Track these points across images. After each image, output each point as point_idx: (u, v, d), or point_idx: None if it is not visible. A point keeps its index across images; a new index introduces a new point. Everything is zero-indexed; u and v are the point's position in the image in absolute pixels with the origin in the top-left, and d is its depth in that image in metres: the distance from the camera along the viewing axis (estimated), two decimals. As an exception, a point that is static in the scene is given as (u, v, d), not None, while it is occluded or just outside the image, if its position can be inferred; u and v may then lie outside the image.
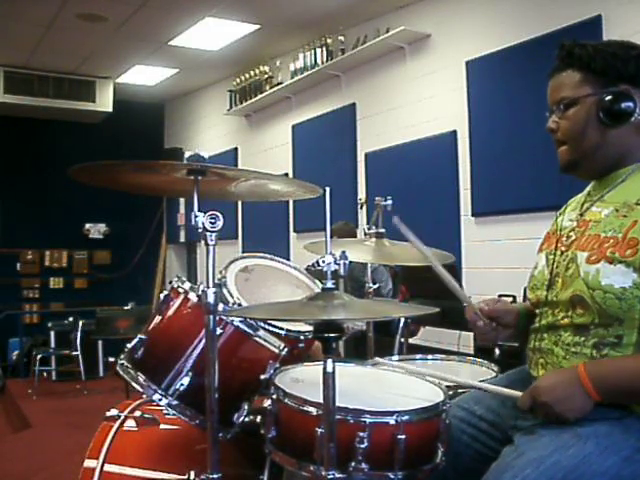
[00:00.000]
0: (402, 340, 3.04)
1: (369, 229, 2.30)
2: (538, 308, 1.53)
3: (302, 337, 1.77)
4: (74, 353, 6.38)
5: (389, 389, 1.61)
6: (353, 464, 1.28)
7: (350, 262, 1.92)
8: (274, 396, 1.42)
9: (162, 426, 1.90)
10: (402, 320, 2.95)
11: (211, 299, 1.49)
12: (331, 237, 1.40)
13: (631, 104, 1.38)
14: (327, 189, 1.42)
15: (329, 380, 1.22)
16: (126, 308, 6.74)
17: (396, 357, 2.02)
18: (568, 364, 1.39)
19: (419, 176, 4.81)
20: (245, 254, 2.05)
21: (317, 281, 2.01)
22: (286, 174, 6.05)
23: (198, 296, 1.66)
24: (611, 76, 1.40)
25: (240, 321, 1.66)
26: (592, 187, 1.53)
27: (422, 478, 1.35)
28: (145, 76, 7.18)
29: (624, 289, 1.31)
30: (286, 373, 1.60)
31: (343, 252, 1.89)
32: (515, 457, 1.32)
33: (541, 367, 1.46)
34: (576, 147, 1.46)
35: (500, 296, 3.66)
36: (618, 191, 1.42)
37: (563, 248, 1.47)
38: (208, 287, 1.50)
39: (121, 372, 1.70)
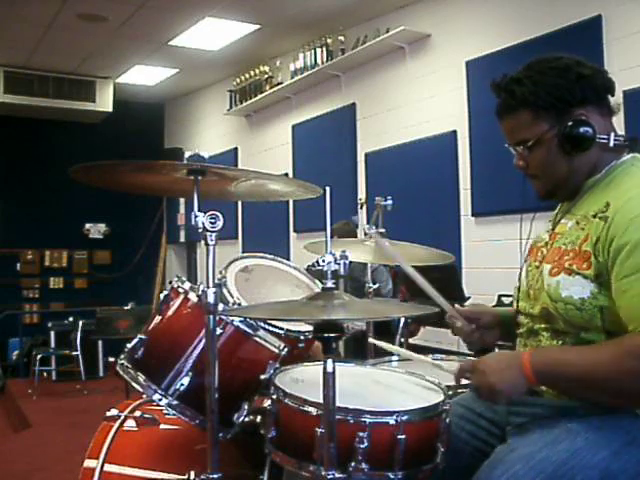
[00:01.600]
0: (402, 340, 3.04)
1: (369, 229, 2.30)
2: (521, 317, 1.55)
3: (302, 337, 1.78)
4: (74, 353, 6.39)
5: (389, 389, 1.62)
6: (353, 464, 1.28)
7: (350, 262, 1.92)
8: (274, 396, 1.42)
9: (162, 426, 1.90)
10: (402, 320, 2.95)
11: (211, 299, 1.49)
12: (331, 237, 1.40)
13: (589, 129, 1.39)
14: (327, 189, 1.42)
15: (329, 380, 1.22)
16: (126, 308, 6.74)
17: (396, 357, 2.02)
18: None
19: (419, 176, 4.81)
20: (245, 254, 2.05)
21: (317, 281, 2.01)
22: (286, 174, 6.05)
23: (198, 296, 1.66)
24: (561, 107, 1.40)
25: (240, 321, 1.66)
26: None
27: (422, 478, 1.35)
28: (145, 76, 7.18)
29: (583, 300, 1.34)
30: (286, 373, 1.60)
31: (343, 252, 1.89)
32: (506, 453, 1.34)
33: None
34: (548, 180, 1.48)
35: (500, 296, 3.68)
36: (581, 203, 1.44)
37: (537, 262, 1.50)
38: (208, 287, 1.50)
39: (121, 372, 1.70)
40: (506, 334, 1.64)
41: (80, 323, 6.51)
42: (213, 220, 1.48)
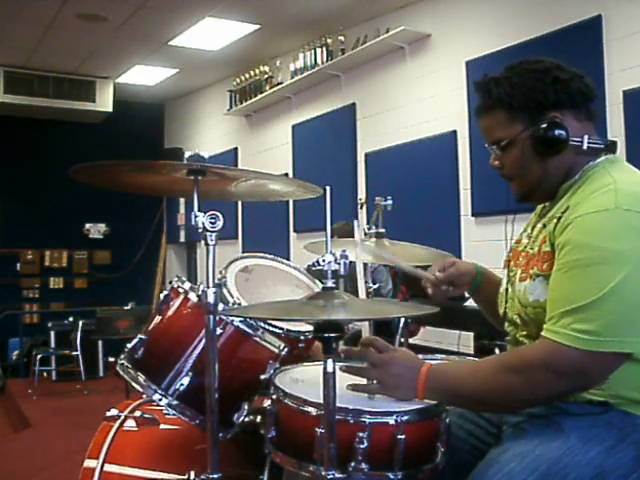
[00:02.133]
0: (402, 340, 3.04)
1: (369, 229, 2.30)
2: (506, 324, 1.55)
3: (302, 337, 1.77)
4: (74, 353, 6.39)
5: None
6: (353, 464, 1.27)
7: (350, 262, 1.91)
8: (274, 396, 1.42)
9: (162, 426, 1.90)
10: (402, 320, 2.95)
11: (211, 299, 1.49)
12: (331, 237, 1.40)
13: (563, 132, 1.39)
14: (327, 189, 1.42)
15: (329, 380, 1.22)
16: (126, 308, 6.75)
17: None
18: None
19: (419, 176, 4.81)
20: (245, 254, 2.05)
21: (317, 281, 2.01)
22: (286, 174, 6.05)
23: (198, 296, 1.66)
24: (535, 109, 1.41)
25: (240, 321, 1.66)
26: (541, 205, 1.57)
27: (422, 478, 1.35)
28: (145, 76, 7.18)
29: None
30: (286, 373, 1.60)
31: (343, 252, 1.89)
32: (500, 452, 1.34)
33: None
34: (523, 181, 1.49)
35: (500, 296, 3.67)
36: (557, 207, 1.43)
37: (514, 267, 1.51)
38: (208, 287, 1.50)
39: (121, 372, 1.70)
40: (473, 290, 1.71)
41: (80, 323, 6.51)
42: (213, 220, 1.47)
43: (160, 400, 1.64)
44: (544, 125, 1.39)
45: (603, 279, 1.23)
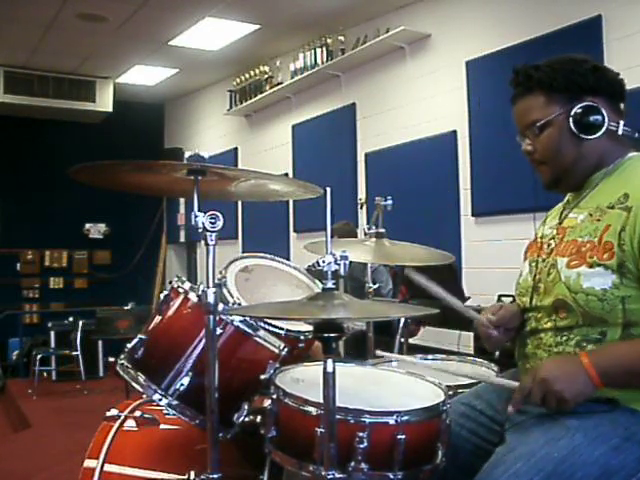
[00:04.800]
0: (402, 340, 3.04)
1: (369, 229, 2.30)
2: (524, 314, 1.55)
3: (302, 337, 1.77)
4: (74, 353, 6.38)
5: (389, 389, 1.62)
6: (353, 464, 1.27)
7: (350, 262, 1.91)
8: (274, 396, 1.42)
9: (162, 426, 1.90)
10: (402, 320, 2.95)
11: (211, 299, 1.49)
12: (331, 237, 1.40)
13: (599, 117, 1.43)
14: (327, 189, 1.42)
15: (329, 380, 1.22)
16: (126, 308, 6.75)
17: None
18: None
19: (419, 176, 4.81)
20: (245, 254, 2.05)
21: (317, 281, 2.01)
22: (286, 174, 6.05)
23: (198, 296, 1.66)
24: (574, 91, 1.45)
25: (240, 321, 1.66)
26: (570, 195, 1.58)
27: (422, 478, 1.35)
28: (145, 76, 7.18)
29: (605, 290, 1.35)
30: (286, 373, 1.60)
31: (343, 252, 1.89)
32: (506, 452, 1.34)
33: (527, 373, 1.47)
34: (556, 165, 1.50)
35: (500, 296, 3.67)
36: (592, 197, 1.47)
37: (544, 255, 1.52)
38: (208, 287, 1.50)
39: (121, 372, 1.70)
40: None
41: (80, 323, 6.50)
42: (213, 220, 1.48)
43: (160, 400, 1.64)
44: (582, 107, 1.44)
45: None
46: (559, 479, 1.25)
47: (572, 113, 1.44)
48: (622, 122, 1.45)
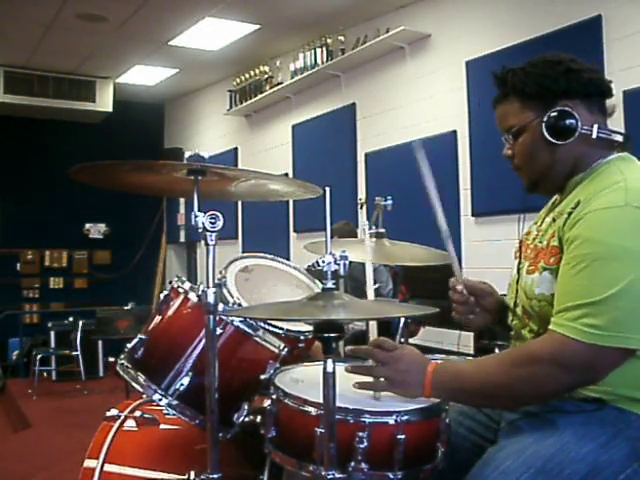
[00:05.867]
0: (402, 340, 3.03)
1: (369, 229, 2.30)
2: (511, 317, 1.56)
3: (302, 337, 1.77)
4: (74, 353, 6.38)
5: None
6: (353, 464, 1.27)
7: (350, 262, 1.91)
8: (274, 396, 1.42)
9: (162, 426, 1.90)
10: (402, 320, 2.95)
11: (211, 299, 1.49)
12: (331, 237, 1.40)
13: (573, 120, 1.41)
14: (327, 189, 1.42)
15: (329, 380, 1.22)
16: (126, 308, 6.75)
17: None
18: None
19: (419, 176, 4.80)
20: (245, 254, 2.05)
21: (317, 281, 2.01)
22: (286, 174, 6.05)
23: (198, 296, 1.66)
24: (547, 96, 1.43)
25: (240, 321, 1.66)
26: (556, 197, 1.57)
27: (422, 478, 1.35)
28: (145, 76, 7.18)
29: (554, 295, 1.34)
30: (286, 373, 1.60)
31: (343, 252, 1.89)
32: (496, 451, 1.35)
33: None
34: (531, 170, 1.51)
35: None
36: (566, 201, 1.45)
37: (523, 259, 1.52)
38: (208, 287, 1.50)
39: (121, 372, 1.70)
40: (498, 321, 1.66)
41: (80, 323, 6.51)
42: (213, 220, 1.47)
43: (160, 400, 1.64)
44: (554, 112, 1.42)
45: (612, 276, 1.24)
46: (548, 476, 1.26)
47: (545, 119, 1.42)
48: (597, 125, 1.41)
